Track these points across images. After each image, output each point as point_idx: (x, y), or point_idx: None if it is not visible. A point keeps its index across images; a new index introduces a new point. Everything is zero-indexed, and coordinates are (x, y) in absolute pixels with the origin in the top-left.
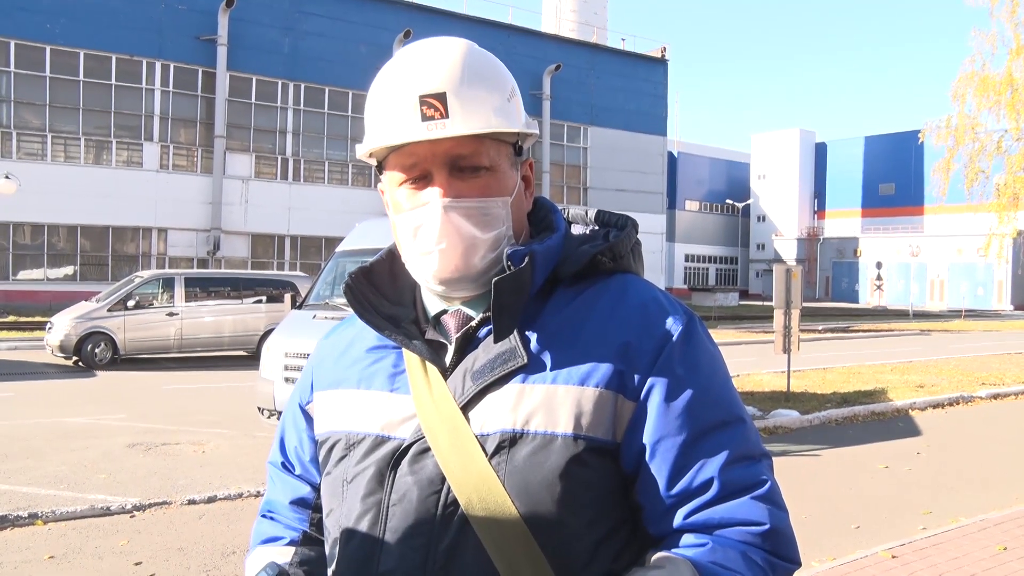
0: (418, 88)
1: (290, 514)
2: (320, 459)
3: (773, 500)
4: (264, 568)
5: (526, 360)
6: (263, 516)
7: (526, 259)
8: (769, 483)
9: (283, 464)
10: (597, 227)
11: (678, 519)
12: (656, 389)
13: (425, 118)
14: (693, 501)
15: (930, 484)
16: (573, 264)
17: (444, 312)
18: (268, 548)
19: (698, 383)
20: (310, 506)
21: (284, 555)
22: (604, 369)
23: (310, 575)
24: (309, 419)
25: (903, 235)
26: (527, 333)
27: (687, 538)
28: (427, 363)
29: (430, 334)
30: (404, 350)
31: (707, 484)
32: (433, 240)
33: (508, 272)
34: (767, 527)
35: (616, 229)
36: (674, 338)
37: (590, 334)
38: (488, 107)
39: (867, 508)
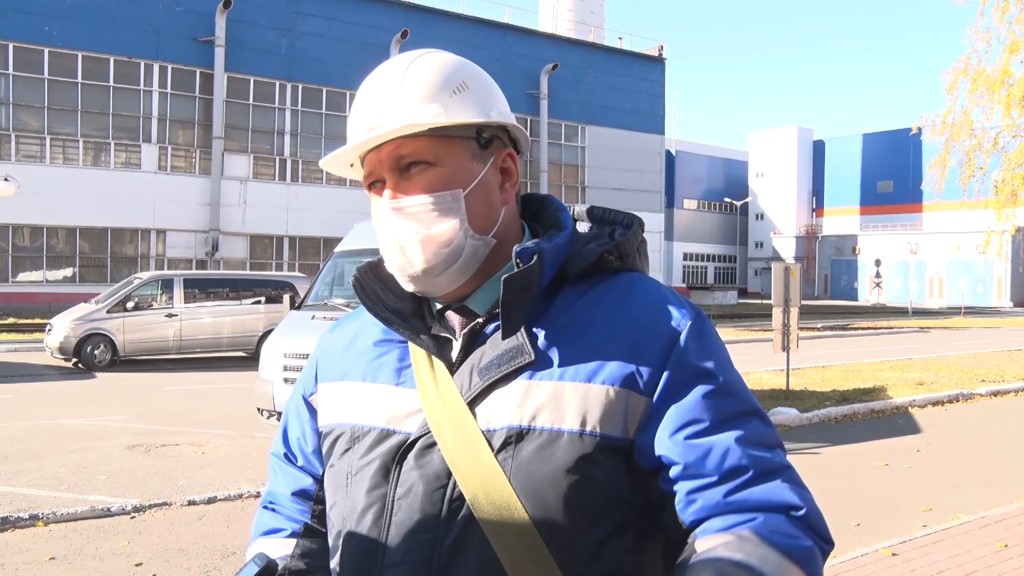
0: (363, 105)
1: (292, 505)
2: (323, 451)
3: (800, 482)
4: (252, 559)
5: (533, 357)
6: (264, 507)
7: (535, 257)
8: (791, 467)
9: (285, 455)
10: (592, 223)
11: (714, 501)
12: (671, 384)
13: (368, 129)
14: (727, 483)
15: (930, 481)
16: (580, 262)
17: (448, 307)
18: (269, 539)
19: (713, 377)
20: (312, 498)
21: (285, 547)
22: (612, 366)
23: (312, 567)
24: (312, 410)
25: (902, 232)
26: (534, 330)
27: (729, 518)
28: (433, 358)
29: (436, 329)
30: (410, 344)
31: (739, 467)
32: (388, 241)
33: (517, 270)
34: (805, 510)
35: (622, 227)
36: (684, 334)
37: (597, 331)
38: (422, 105)
39: (867, 506)
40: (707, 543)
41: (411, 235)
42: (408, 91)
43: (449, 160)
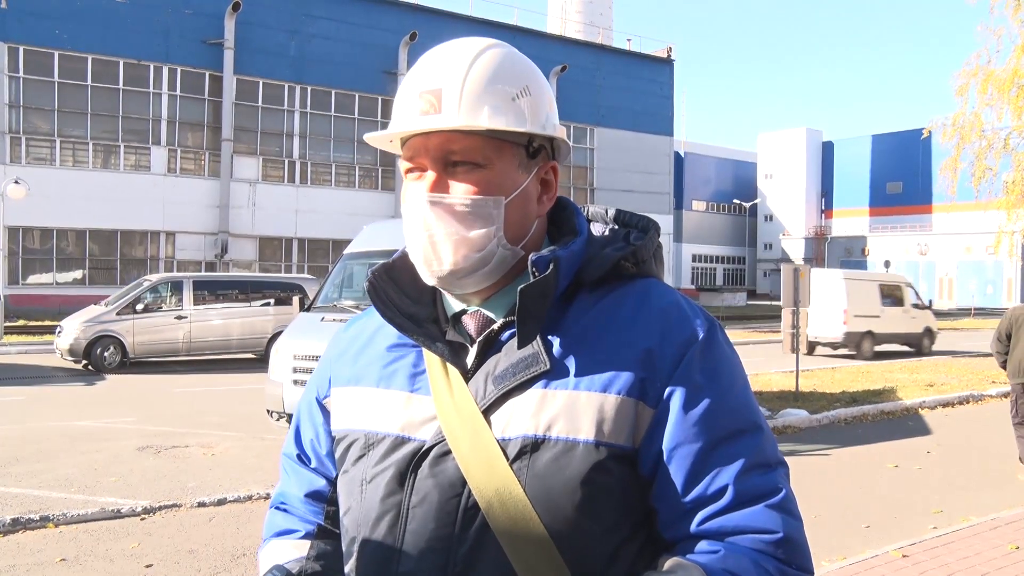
0: (421, 84)
1: (305, 507)
2: (337, 456)
3: (787, 509)
4: (270, 570)
5: (548, 366)
6: (276, 508)
7: (551, 266)
8: (784, 491)
9: (299, 456)
10: (616, 227)
11: (692, 525)
12: (675, 396)
13: (422, 112)
14: (707, 508)
15: (940, 483)
16: (596, 269)
17: (464, 312)
18: (283, 540)
19: (716, 391)
20: (325, 499)
21: (300, 548)
22: (626, 376)
23: (327, 569)
24: (326, 413)
25: (911, 234)
26: (549, 338)
27: (700, 545)
28: (448, 364)
29: (450, 335)
30: (424, 350)
31: (721, 491)
32: (418, 233)
33: (534, 279)
34: (780, 535)
35: (637, 231)
36: (695, 345)
37: (612, 340)
38: (484, 104)
39: (877, 507)
40: (667, 564)
41: (445, 234)
42: (472, 84)
43: (498, 165)
